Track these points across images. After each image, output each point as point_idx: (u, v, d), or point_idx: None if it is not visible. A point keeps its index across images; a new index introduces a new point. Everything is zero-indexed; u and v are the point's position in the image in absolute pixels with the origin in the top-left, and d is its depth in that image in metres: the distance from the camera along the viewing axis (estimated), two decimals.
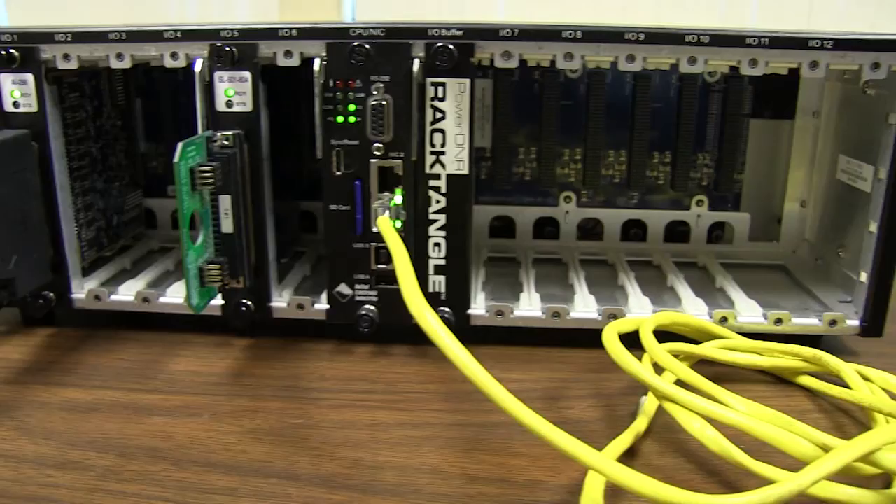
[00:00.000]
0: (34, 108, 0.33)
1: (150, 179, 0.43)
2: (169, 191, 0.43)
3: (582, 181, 0.41)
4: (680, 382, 0.27)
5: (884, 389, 0.29)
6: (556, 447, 0.21)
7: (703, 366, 0.31)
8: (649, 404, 0.28)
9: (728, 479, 0.25)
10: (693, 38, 0.30)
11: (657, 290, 0.36)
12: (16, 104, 0.33)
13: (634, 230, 0.43)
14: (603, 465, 0.21)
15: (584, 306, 0.34)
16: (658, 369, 0.28)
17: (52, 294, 0.35)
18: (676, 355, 0.30)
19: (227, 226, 0.31)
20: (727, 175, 0.41)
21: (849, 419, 0.29)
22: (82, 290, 0.35)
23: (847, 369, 0.29)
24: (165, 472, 0.25)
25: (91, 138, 0.37)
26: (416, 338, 0.34)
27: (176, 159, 0.28)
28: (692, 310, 0.34)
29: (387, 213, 0.31)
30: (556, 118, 0.39)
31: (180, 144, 0.28)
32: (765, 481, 0.22)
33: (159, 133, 0.43)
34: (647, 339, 0.29)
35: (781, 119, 0.41)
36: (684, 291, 0.36)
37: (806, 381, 0.31)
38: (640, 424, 0.28)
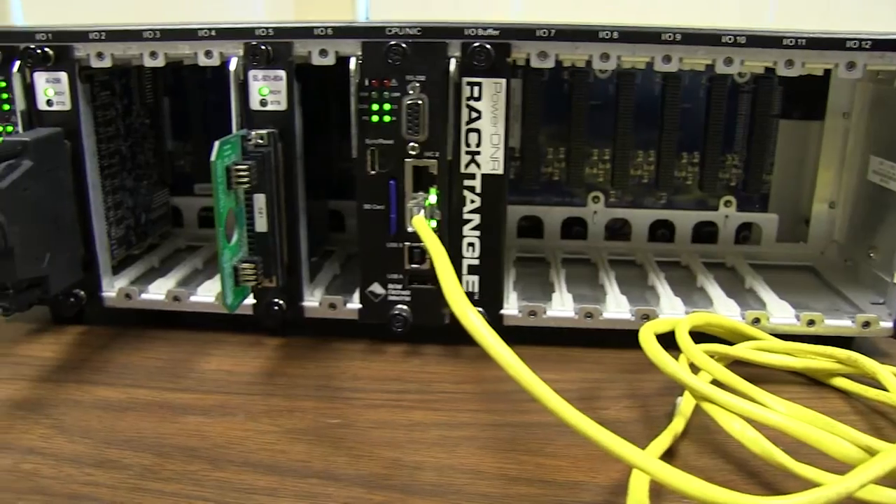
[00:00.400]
0: (67, 107, 0.33)
1: (176, 178, 0.43)
2: (196, 189, 0.43)
3: (610, 181, 0.41)
4: (716, 383, 0.27)
5: None
6: (603, 447, 0.21)
7: (736, 367, 0.31)
8: (686, 405, 0.28)
9: (768, 480, 0.25)
10: (730, 38, 0.30)
11: (687, 291, 0.36)
12: (49, 102, 0.33)
13: (661, 231, 0.43)
14: (649, 464, 0.21)
15: (616, 307, 0.34)
16: (694, 370, 0.28)
17: (82, 292, 0.35)
18: (711, 356, 0.30)
19: (261, 225, 0.31)
20: (756, 176, 0.41)
21: (886, 421, 0.29)
22: (112, 289, 0.36)
23: (883, 371, 0.29)
24: (203, 471, 0.26)
25: (121, 136, 0.37)
26: (449, 338, 0.34)
27: (213, 158, 0.28)
28: (724, 311, 0.34)
29: (421, 212, 0.31)
30: (586, 118, 0.39)
31: (217, 143, 0.28)
32: (807, 484, 0.22)
33: (186, 132, 0.43)
34: (684, 339, 0.29)
35: (811, 120, 0.41)
36: (715, 292, 0.36)
37: (840, 382, 0.31)
38: (677, 425, 0.28)
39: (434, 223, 0.32)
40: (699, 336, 0.32)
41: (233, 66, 0.31)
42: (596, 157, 0.42)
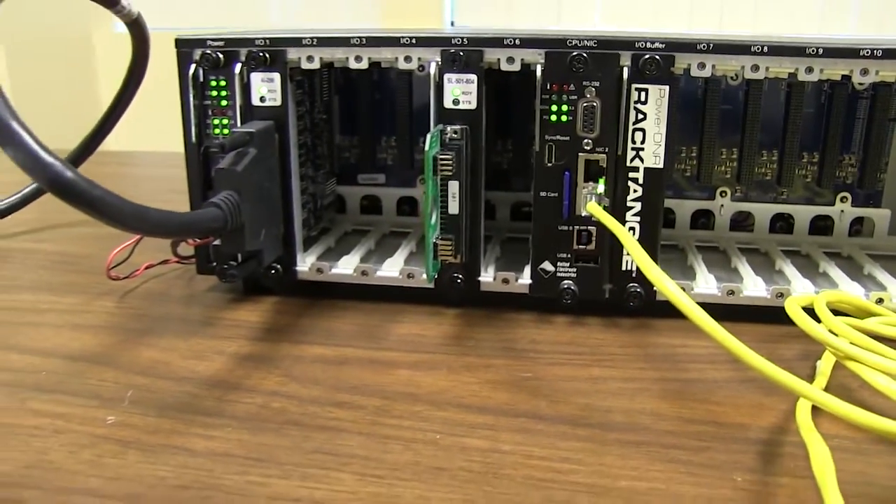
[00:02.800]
0: (278, 103, 0.40)
1: (342, 169, 0.51)
2: (359, 179, 0.51)
3: (737, 178, 0.48)
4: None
5: None
6: (783, 383, 0.28)
7: None
8: (825, 366, 0.35)
9: None
10: (867, 52, 0.37)
11: (812, 275, 0.43)
12: (262, 99, 0.40)
13: (780, 223, 0.49)
14: (814, 393, 0.28)
15: (754, 286, 0.41)
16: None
17: (280, 266, 0.42)
18: None
19: (453, 208, 0.38)
20: (871, 175, 0.47)
21: None
22: (305, 264, 0.43)
23: None
24: (427, 411, 0.33)
25: (307, 130, 0.45)
26: (608, 310, 0.41)
27: (427, 148, 0.35)
28: (850, 291, 0.40)
29: (593, 199, 0.38)
30: (717, 121, 0.46)
31: (429, 136, 0.36)
32: None
33: (352, 127, 0.50)
34: (823, 310, 0.36)
35: None
36: (839, 276, 0.42)
37: None
38: (819, 383, 0.34)
39: (602, 209, 0.39)
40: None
41: (432, 69, 0.38)
42: (724, 155, 0.48)
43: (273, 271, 0.42)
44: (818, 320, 0.35)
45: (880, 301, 0.40)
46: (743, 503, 0.27)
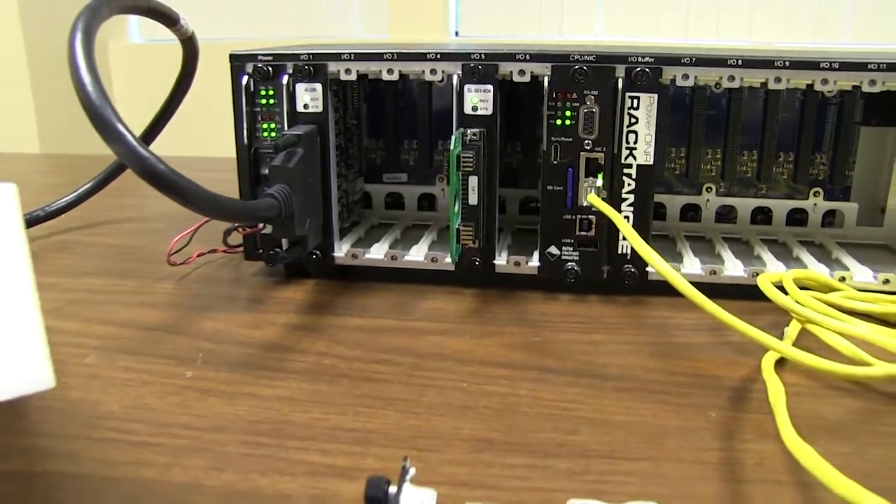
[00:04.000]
0: (320, 110, 0.48)
1: (369, 169, 0.58)
2: (384, 178, 0.58)
3: (721, 176, 0.55)
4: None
5: None
6: (757, 339, 0.35)
7: None
8: (791, 331, 0.42)
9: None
10: (826, 64, 0.44)
11: (786, 260, 0.50)
12: (306, 106, 0.48)
13: (760, 216, 0.56)
14: (781, 346, 0.35)
15: (733, 267, 0.48)
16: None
17: (319, 252, 0.50)
18: None
19: (473, 199, 0.45)
20: (840, 172, 0.54)
21: None
22: (341, 250, 0.50)
23: None
24: (455, 367, 0.40)
25: (341, 134, 0.52)
26: (606, 289, 0.48)
27: (451, 148, 0.43)
28: (817, 271, 0.47)
29: (593, 191, 0.45)
30: (703, 125, 0.53)
31: (453, 138, 0.43)
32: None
33: (378, 132, 0.58)
34: (790, 285, 0.43)
35: (888, 126, 0.54)
36: (808, 259, 0.49)
37: None
38: (786, 344, 0.41)
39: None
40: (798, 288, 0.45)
41: (455, 80, 0.45)
42: (709, 155, 0.55)
43: (314, 256, 0.49)
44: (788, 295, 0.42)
45: (843, 279, 0.47)
46: (715, 431, 0.34)
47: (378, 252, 0.50)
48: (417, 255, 0.49)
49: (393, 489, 0.26)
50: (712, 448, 0.32)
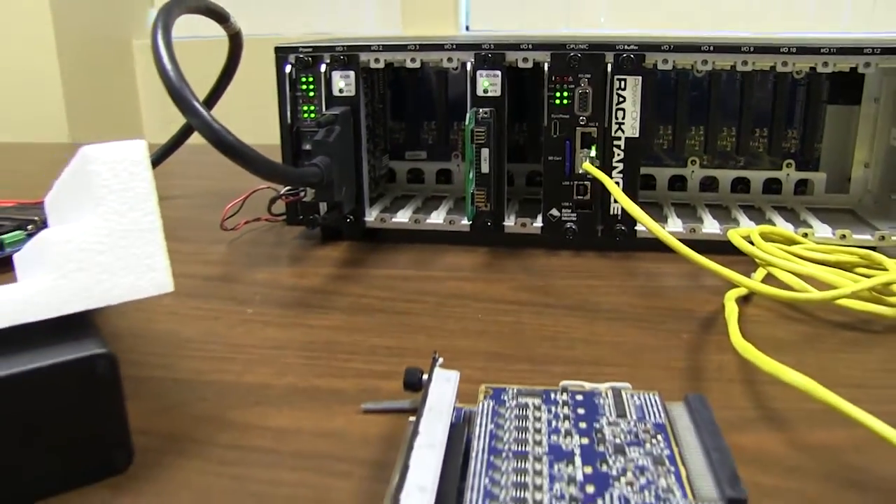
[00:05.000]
0: (353, 93, 0.56)
1: (392, 147, 0.67)
2: (406, 155, 0.67)
3: (704, 150, 0.63)
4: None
5: None
6: (727, 276, 0.43)
7: None
8: (757, 276, 0.51)
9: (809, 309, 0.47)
10: (785, 49, 0.52)
11: (759, 221, 0.58)
12: (340, 90, 0.56)
13: (740, 186, 0.65)
14: (737, 277, 0.43)
15: (710, 225, 0.56)
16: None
17: (353, 216, 0.58)
18: None
19: (485, 168, 0.54)
20: (810, 145, 0.63)
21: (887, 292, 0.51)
22: (371, 215, 0.59)
23: (888, 261, 0.51)
24: (471, 303, 0.48)
25: (370, 115, 0.61)
26: (600, 246, 0.57)
27: (466, 124, 0.52)
28: (783, 227, 0.56)
29: (588, 161, 0.54)
30: (687, 104, 0.62)
31: (468, 116, 0.52)
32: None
33: (400, 114, 0.67)
34: (756, 237, 0.51)
35: (851, 104, 0.62)
36: (778, 220, 0.58)
37: (860, 271, 0.53)
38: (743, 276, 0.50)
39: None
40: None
41: (468, 67, 0.54)
42: (693, 132, 0.64)
43: (348, 220, 0.58)
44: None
45: (806, 235, 0.55)
46: (684, 348, 0.42)
47: (403, 216, 0.59)
48: (437, 218, 0.58)
49: (426, 377, 0.34)
50: (680, 359, 0.41)
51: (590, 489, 0.27)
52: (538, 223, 0.57)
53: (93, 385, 0.30)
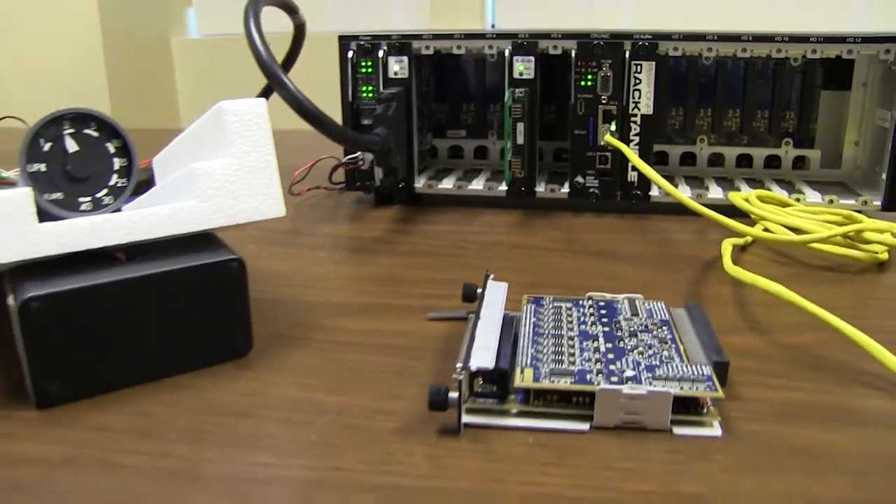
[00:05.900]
0: (406, 76, 0.67)
1: (435, 126, 0.77)
2: (447, 133, 0.77)
3: (711, 129, 0.73)
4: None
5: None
6: (724, 223, 0.53)
7: None
8: (754, 231, 0.60)
9: (795, 254, 0.57)
10: (779, 38, 0.62)
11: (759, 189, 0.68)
12: (395, 73, 0.67)
13: (744, 161, 0.75)
14: (732, 223, 0.53)
15: (715, 191, 0.66)
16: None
17: (404, 183, 0.69)
18: None
19: (520, 139, 0.64)
20: (806, 125, 0.73)
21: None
22: (420, 182, 0.69)
23: (864, 217, 0.61)
24: (509, 250, 0.58)
25: (420, 96, 0.71)
26: (619, 209, 0.67)
27: (505, 101, 0.62)
28: (777, 192, 0.66)
29: (609, 133, 0.64)
30: (697, 89, 0.72)
31: (506, 94, 0.62)
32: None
33: (443, 96, 0.77)
34: (754, 199, 0.61)
35: (843, 89, 0.72)
36: (775, 188, 0.68)
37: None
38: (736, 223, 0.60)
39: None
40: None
41: (507, 54, 0.64)
42: (702, 113, 0.74)
43: (401, 185, 0.68)
44: None
45: (798, 200, 0.65)
46: (686, 281, 0.52)
47: (448, 183, 0.69)
48: (477, 184, 0.68)
49: (479, 290, 0.44)
50: (684, 288, 0.51)
51: (610, 356, 0.37)
52: (565, 189, 0.67)
53: (227, 283, 0.39)
